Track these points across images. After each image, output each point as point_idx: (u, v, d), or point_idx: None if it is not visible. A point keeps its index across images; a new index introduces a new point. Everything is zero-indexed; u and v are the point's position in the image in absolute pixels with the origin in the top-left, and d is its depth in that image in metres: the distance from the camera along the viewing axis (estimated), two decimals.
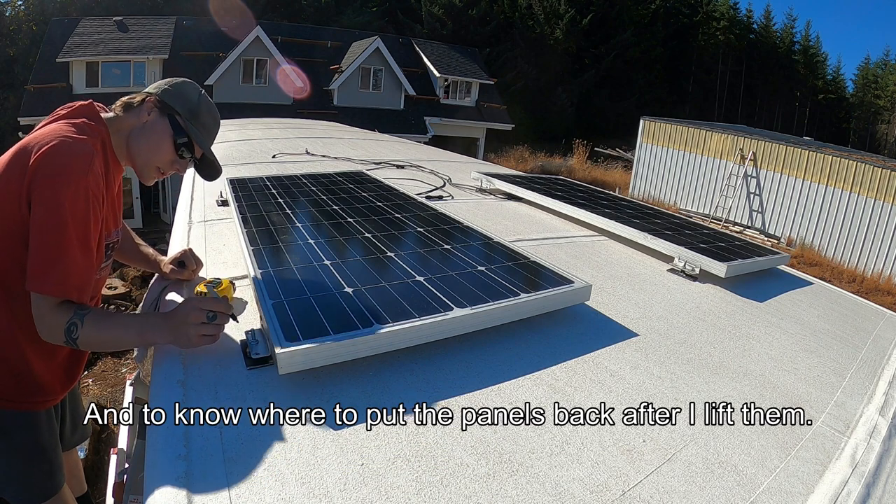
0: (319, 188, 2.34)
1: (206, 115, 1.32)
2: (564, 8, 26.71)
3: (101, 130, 1.21)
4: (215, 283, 1.26)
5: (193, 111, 1.29)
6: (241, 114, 9.64)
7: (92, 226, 1.09)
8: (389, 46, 17.41)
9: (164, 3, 20.62)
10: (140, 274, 7.54)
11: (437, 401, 0.96)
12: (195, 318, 1.00)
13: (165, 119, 1.26)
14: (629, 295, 1.60)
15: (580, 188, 3.06)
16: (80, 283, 1.06)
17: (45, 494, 1.43)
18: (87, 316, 1.03)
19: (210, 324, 1.01)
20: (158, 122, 1.26)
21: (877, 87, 34.50)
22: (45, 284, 1.02)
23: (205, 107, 1.31)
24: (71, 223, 1.03)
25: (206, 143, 1.32)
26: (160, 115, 1.26)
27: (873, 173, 11.23)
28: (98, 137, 1.18)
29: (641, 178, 16.16)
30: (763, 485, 0.86)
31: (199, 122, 1.30)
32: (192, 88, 1.32)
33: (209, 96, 1.36)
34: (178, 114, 1.26)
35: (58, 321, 1.03)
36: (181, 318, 1.01)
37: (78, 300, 1.06)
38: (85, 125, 1.17)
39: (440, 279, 1.30)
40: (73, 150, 1.07)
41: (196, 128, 1.29)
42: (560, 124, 25.94)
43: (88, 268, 1.09)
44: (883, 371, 1.38)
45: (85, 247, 1.07)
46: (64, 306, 1.05)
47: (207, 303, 1.03)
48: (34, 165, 1.04)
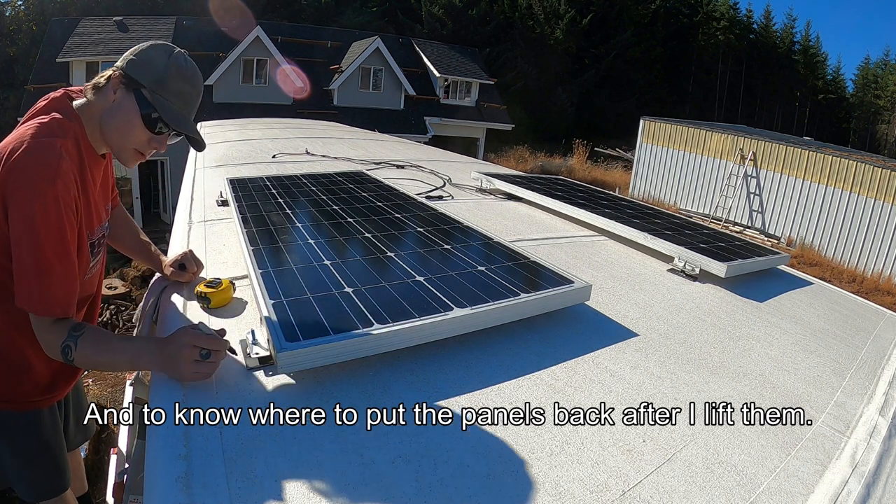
0: (319, 188, 2.34)
1: (178, 80, 1.14)
2: (564, 8, 26.72)
3: (73, 126, 1.12)
4: (215, 283, 1.27)
5: (160, 79, 1.12)
6: (241, 114, 9.64)
7: (69, 234, 1.05)
8: (389, 46, 17.41)
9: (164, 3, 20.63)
10: (140, 274, 7.55)
11: (437, 401, 0.96)
12: (188, 355, 0.93)
13: (131, 95, 1.12)
14: (629, 295, 1.60)
15: (580, 188, 3.06)
16: (64, 298, 1.04)
17: (53, 491, 1.45)
18: (81, 338, 1.02)
19: (203, 361, 0.94)
20: (125, 99, 1.12)
21: (877, 87, 34.49)
22: (30, 304, 1.02)
23: (174, 70, 1.14)
24: (45, 239, 1.00)
25: (179, 114, 1.16)
26: (126, 91, 1.12)
27: (873, 173, 11.23)
28: (69, 134, 1.11)
29: (641, 178, 16.16)
30: (763, 485, 0.86)
31: (168, 90, 1.13)
32: (158, 52, 1.15)
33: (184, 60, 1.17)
34: (143, 86, 1.12)
35: (53, 340, 1.03)
36: (173, 351, 0.95)
37: (63, 315, 1.04)
38: (55, 122, 1.10)
39: (440, 279, 1.30)
40: (38, 159, 1.01)
41: (165, 98, 1.13)
42: (560, 124, 25.94)
43: (70, 279, 1.06)
44: (883, 371, 1.38)
45: (63, 259, 1.03)
46: (57, 325, 1.03)
47: (201, 339, 0.95)
48: (2, 177, 1.01)
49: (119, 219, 1.54)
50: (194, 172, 2.86)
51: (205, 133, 4.48)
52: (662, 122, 15.84)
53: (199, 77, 1.20)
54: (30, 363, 1.28)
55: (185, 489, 0.72)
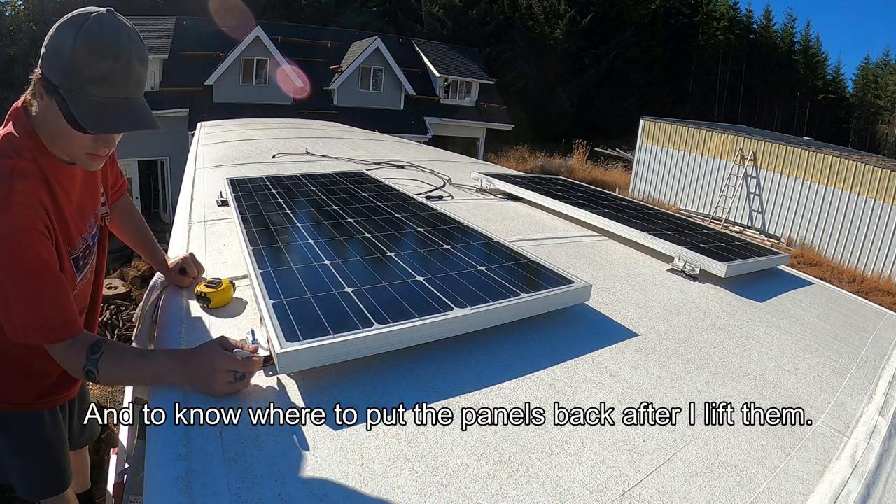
0: (319, 188, 2.33)
1: (90, 61, 0.91)
2: (564, 8, 26.70)
3: (27, 141, 1.01)
4: (215, 283, 1.27)
5: (69, 70, 0.92)
6: (241, 114, 9.65)
7: (44, 254, 0.96)
8: (389, 46, 17.40)
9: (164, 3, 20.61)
10: (140, 274, 7.55)
11: (437, 401, 0.96)
12: (221, 379, 0.91)
13: (53, 98, 0.96)
14: (629, 295, 1.60)
15: (580, 188, 3.06)
16: (63, 319, 0.98)
17: (53, 490, 1.46)
18: (101, 362, 0.97)
19: (236, 383, 0.92)
20: (50, 105, 0.97)
21: (877, 87, 34.48)
22: (30, 336, 0.96)
23: (82, 51, 0.91)
24: (20, 269, 0.93)
25: (102, 108, 0.94)
26: (48, 95, 0.96)
27: (873, 173, 11.22)
28: (25, 150, 1.00)
29: (641, 178, 16.15)
30: (763, 485, 0.86)
31: (83, 79, 0.92)
32: (65, 34, 0.92)
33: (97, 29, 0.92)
34: (57, 87, 0.94)
35: (74, 366, 0.99)
36: (203, 369, 0.91)
37: (70, 335, 0.98)
38: (4, 142, 1.00)
39: (440, 279, 1.30)
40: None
41: (82, 91, 0.93)
42: (560, 124, 25.92)
43: (61, 298, 0.98)
44: (883, 371, 1.38)
45: (46, 281, 0.96)
46: (72, 348, 0.98)
47: (236, 364, 0.92)
48: None
49: (123, 211, 1.50)
50: (194, 172, 2.86)
51: (205, 133, 4.48)
52: (662, 122, 15.84)
53: (126, 40, 0.94)
54: (30, 367, 1.28)
55: (185, 489, 0.72)
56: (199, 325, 1.19)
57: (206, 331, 1.16)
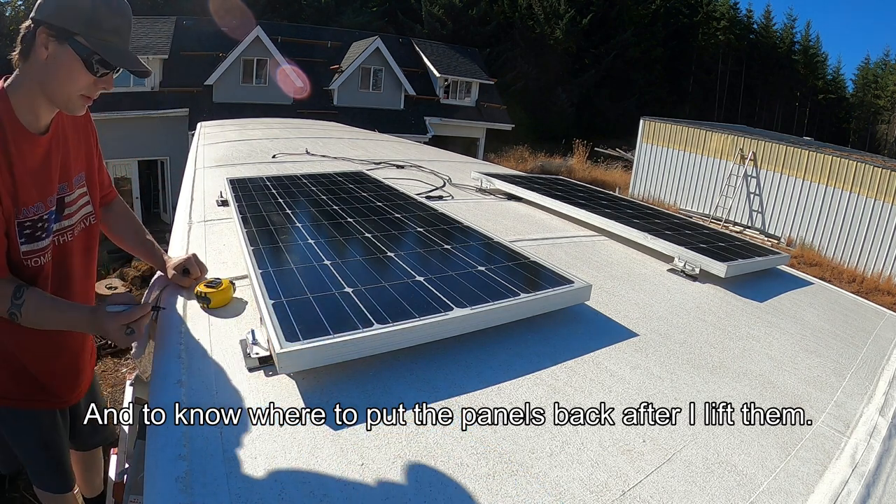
0: (319, 188, 2.33)
1: (109, 16, 1.11)
2: (564, 8, 26.69)
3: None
4: (215, 283, 1.27)
5: (91, 21, 1.09)
6: (241, 114, 9.65)
7: None
8: (389, 46, 17.39)
9: (164, 3, 20.60)
10: (140, 274, 7.54)
11: (437, 401, 0.96)
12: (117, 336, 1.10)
13: (66, 45, 1.09)
14: (629, 295, 1.60)
15: (580, 188, 3.06)
16: None
17: (54, 488, 1.47)
18: (23, 307, 1.12)
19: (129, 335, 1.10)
20: (60, 52, 1.09)
21: (877, 87, 34.47)
22: None
23: (103, 8, 1.10)
24: None
25: (121, 50, 1.14)
26: (59, 43, 1.09)
27: (873, 173, 11.22)
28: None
29: (641, 178, 16.15)
30: (763, 485, 0.86)
31: (103, 29, 1.10)
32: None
33: None
34: (75, 34, 1.09)
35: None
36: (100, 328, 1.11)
37: None
38: None
39: (440, 279, 1.30)
40: None
41: (103, 40, 1.10)
42: (560, 124, 25.91)
43: None
44: (883, 371, 1.38)
45: None
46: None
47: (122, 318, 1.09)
48: None
49: (119, 215, 1.54)
50: (194, 172, 2.86)
51: (205, 133, 4.48)
52: (662, 122, 15.83)
53: (126, 5, 1.17)
54: (25, 363, 1.29)
55: (185, 489, 0.72)
56: (200, 325, 1.19)
57: (206, 331, 1.16)
